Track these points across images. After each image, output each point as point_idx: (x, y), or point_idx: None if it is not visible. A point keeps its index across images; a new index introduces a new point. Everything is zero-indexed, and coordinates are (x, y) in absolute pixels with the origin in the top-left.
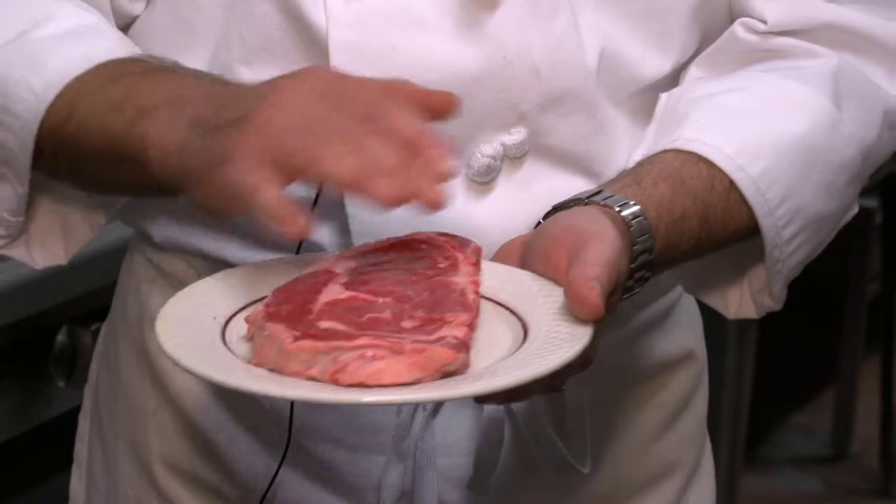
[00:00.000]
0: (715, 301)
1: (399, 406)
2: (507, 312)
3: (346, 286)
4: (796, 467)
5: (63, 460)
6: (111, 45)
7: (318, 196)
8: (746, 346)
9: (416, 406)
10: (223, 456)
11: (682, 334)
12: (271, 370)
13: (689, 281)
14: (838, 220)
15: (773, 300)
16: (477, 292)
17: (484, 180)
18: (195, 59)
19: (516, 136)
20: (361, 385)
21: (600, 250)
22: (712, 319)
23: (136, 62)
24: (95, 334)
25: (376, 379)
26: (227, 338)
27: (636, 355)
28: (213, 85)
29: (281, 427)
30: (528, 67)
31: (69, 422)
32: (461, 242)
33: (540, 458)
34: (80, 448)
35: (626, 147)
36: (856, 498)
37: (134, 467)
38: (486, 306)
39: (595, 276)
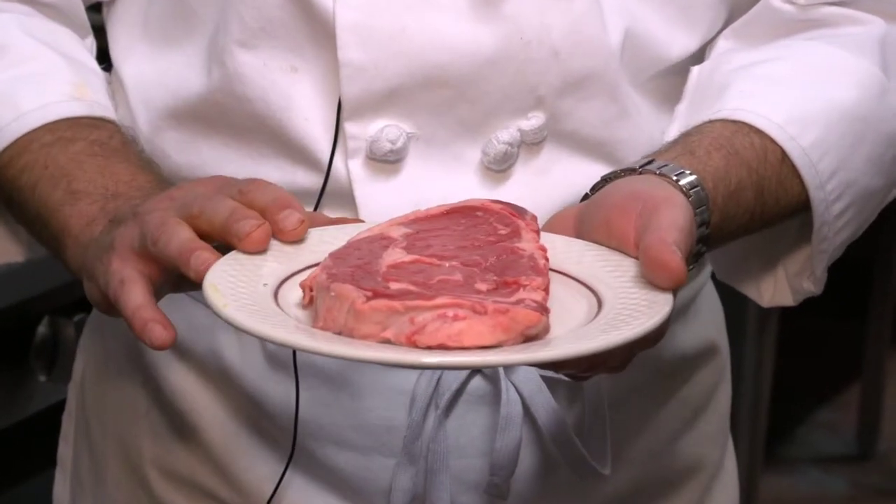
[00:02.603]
0: (748, 288)
1: (411, 409)
2: (575, 283)
3: (407, 250)
4: (820, 467)
5: (44, 459)
6: (66, 91)
7: (323, 187)
8: (766, 337)
9: (429, 404)
10: (223, 459)
11: (704, 326)
12: (338, 333)
13: (722, 266)
14: (883, 197)
15: (815, 283)
16: (546, 258)
17: (500, 168)
18: (193, 41)
19: (534, 120)
20: (441, 347)
21: (673, 216)
22: (729, 308)
23: (91, 127)
24: (79, 326)
25: (457, 340)
26: (281, 305)
27: (656, 349)
28: (148, 177)
29: (286, 428)
30: (546, 48)
31: (50, 418)
32: (517, 210)
33: (558, 459)
34: (65, 450)
35: (649, 132)
36: (883, 499)
37: (124, 471)
38: (551, 277)
39: (674, 240)
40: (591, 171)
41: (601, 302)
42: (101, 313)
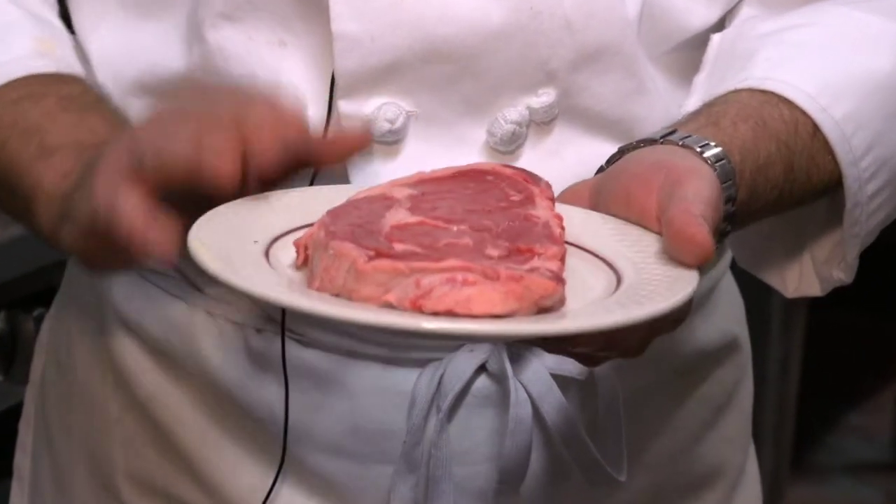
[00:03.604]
0: (771, 277)
1: (411, 412)
2: (592, 257)
3: (412, 211)
4: (852, 475)
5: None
6: (31, 47)
7: (316, 170)
8: (793, 332)
9: (431, 406)
10: (204, 469)
11: (724, 319)
12: (336, 296)
13: (743, 251)
14: None
15: (845, 271)
16: (562, 227)
17: (507, 149)
18: (171, 13)
19: (544, 98)
20: (449, 313)
21: (699, 187)
22: (752, 301)
23: (60, 82)
24: (38, 321)
25: (466, 307)
26: (273, 265)
27: (673, 344)
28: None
29: (274, 433)
30: (558, 19)
31: (7, 423)
32: (531, 176)
33: (569, 464)
34: (22, 460)
35: (667, 109)
36: None
37: (93, 484)
38: (568, 250)
39: (700, 212)
40: (606, 152)
41: (620, 277)
42: (68, 307)
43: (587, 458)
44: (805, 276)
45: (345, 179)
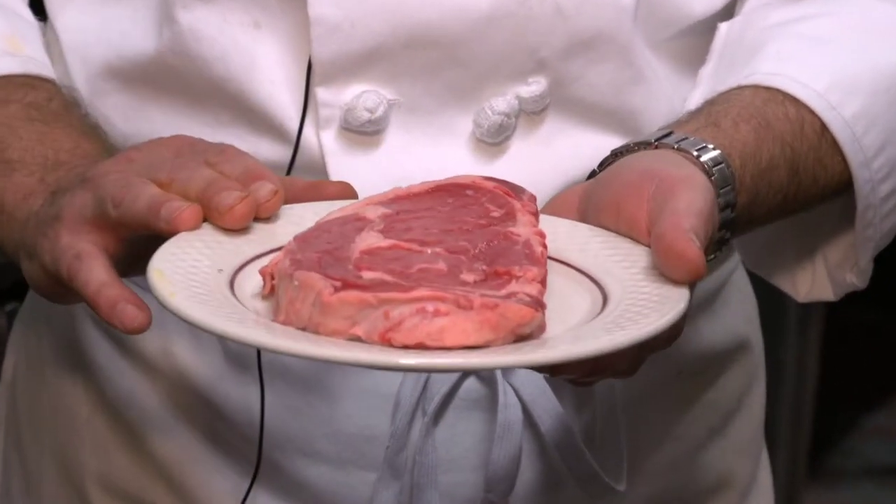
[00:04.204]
0: (782, 281)
1: (395, 415)
2: (576, 273)
3: (384, 233)
4: (872, 479)
5: None
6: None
7: (292, 161)
8: (810, 332)
9: (415, 409)
10: (177, 474)
11: (734, 319)
12: (302, 329)
13: (752, 254)
14: None
15: (858, 276)
16: (544, 245)
17: (495, 140)
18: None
19: (535, 87)
20: (420, 346)
21: (691, 199)
22: (767, 299)
23: (27, 87)
24: (12, 316)
25: (438, 339)
26: (238, 295)
27: (678, 346)
28: (93, 145)
29: (249, 437)
30: (549, 5)
31: None
32: (514, 188)
33: (564, 473)
34: None
35: (669, 100)
36: None
37: (62, 487)
38: (552, 266)
39: (691, 226)
40: (600, 144)
41: (606, 296)
42: (39, 302)
43: (583, 466)
44: (817, 281)
45: (322, 173)
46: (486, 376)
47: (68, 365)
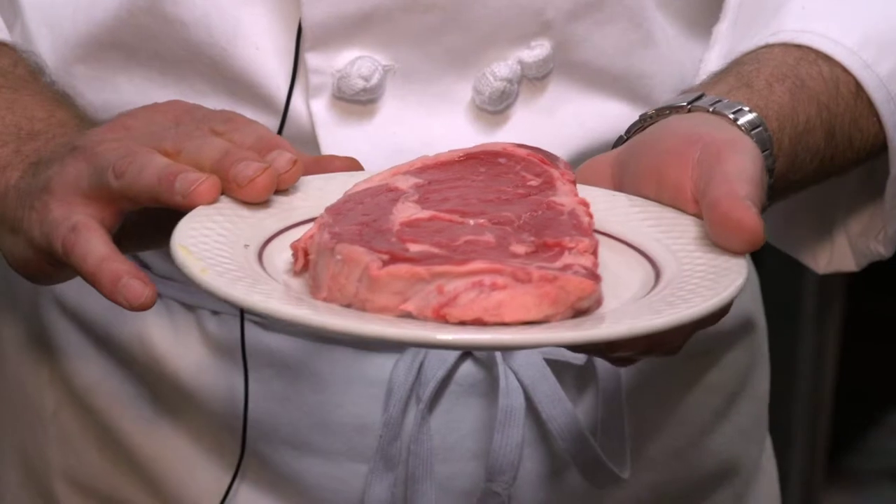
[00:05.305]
0: (801, 252)
1: (387, 402)
2: (623, 246)
3: (421, 204)
4: (894, 479)
5: None
6: None
7: (280, 133)
8: (828, 323)
9: (409, 396)
10: (153, 470)
11: (740, 297)
12: (347, 306)
13: (769, 224)
14: None
15: (885, 244)
16: (590, 214)
17: (496, 108)
18: None
19: (538, 51)
20: (477, 322)
21: (742, 163)
22: (782, 288)
23: None
24: None
25: (496, 314)
26: (269, 272)
27: None
28: (67, 113)
29: (232, 428)
30: None
31: None
32: (549, 156)
33: (567, 460)
34: None
35: (679, 63)
36: None
37: (26, 485)
38: (597, 239)
39: (747, 193)
40: (607, 111)
41: (659, 269)
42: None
43: (586, 452)
44: (838, 251)
45: (312, 145)
46: (484, 360)
47: (32, 355)
